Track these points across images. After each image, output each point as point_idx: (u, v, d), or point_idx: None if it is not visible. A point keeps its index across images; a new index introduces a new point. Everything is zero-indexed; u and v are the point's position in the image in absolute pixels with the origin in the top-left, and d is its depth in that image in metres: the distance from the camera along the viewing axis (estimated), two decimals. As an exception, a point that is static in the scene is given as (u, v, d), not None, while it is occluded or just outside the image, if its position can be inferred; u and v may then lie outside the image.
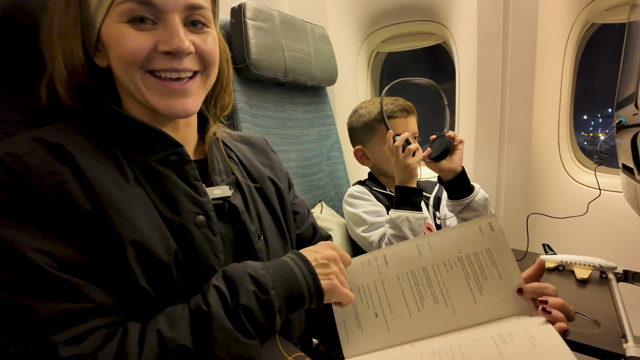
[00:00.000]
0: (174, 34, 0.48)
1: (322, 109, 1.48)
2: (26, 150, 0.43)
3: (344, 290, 0.52)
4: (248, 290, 0.45)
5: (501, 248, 0.56)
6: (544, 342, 0.45)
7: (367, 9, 1.58)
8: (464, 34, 1.41)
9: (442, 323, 0.54)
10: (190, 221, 0.51)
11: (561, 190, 1.38)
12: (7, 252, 0.39)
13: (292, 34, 1.25)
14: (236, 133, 0.74)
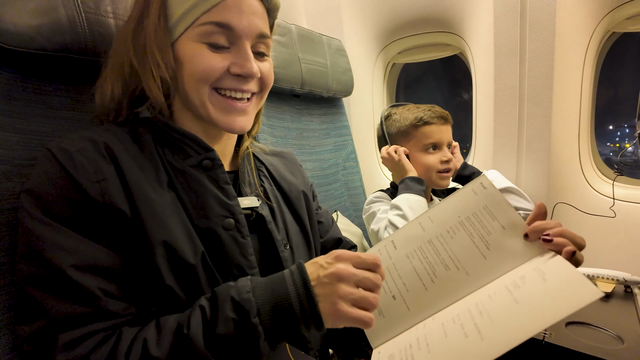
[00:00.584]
0: (246, 59, 0.53)
1: (338, 119, 1.50)
2: (77, 147, 0.47)
3: (357, 313, 0.44)
4: (227, 317, 0.42)
5: (498, 202, 0.56)
6: (553, 273, 0.44)
7: (383, 21, 1.60)
8: (481, 45, 1.41)
9: (458, 288, 0.54)
10: (219, 224, 0.53)
11: (582, 201, 1.34)
12: (36, 248, 0.43)
13: (309, 47, 1.28)
14: (268, 148, 0.78)
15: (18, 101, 0.60)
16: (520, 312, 0.43)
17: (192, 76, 0.52)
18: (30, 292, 0.43)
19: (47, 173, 0.46)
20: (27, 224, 0.44)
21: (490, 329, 0.43)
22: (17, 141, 0.58)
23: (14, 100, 0.59)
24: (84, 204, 0.45)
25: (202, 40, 0.52)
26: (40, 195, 0.45)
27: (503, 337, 0.41)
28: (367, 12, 1.61)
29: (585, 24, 1.26)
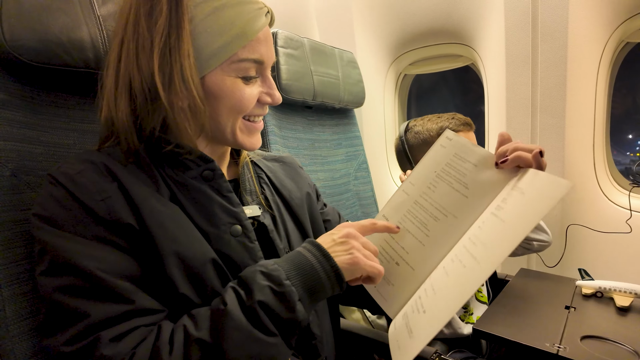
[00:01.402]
0: (273, 87, 0.58)
1: (349, 130, 1.51)
2: (77, 169, 0.48)
3: (370, 263, 0.51)
4: (261, 285, 0.45)
5: (464, 146, 0.59)
6: (528, 185, 0.47)
7: (394, 33, 1.62)
8: (492, 56, 1.41)
9: (452, 233, 0.56)
10: (227, 231, 0.55)
11: (598, 212, 1.32)
12: (62, 260, 0.44)
13: (321, 60, 1.30)
14: (267, 153, 0.78)
15: (43, 115, 0.63)
16: (507, 228, 0.45)
17: (230, 109, 0.54)
18: (64, 301, 0.43)
19: (53, 196, 0.47)
20: (45, 239, 0.45)
21: (483, 252, 0.46)
22: (41, 153, 0.61)
23: (39, 114, 0.62)
24: (94, 222, 0.46)
25: (237, 75, 0.53)
26: (51, 217, 0.46)
27: (495, 253, 0.44)
28: (379, 25, 1.63)
29: (598, 34, 1.25)
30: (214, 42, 0.50)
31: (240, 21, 0.51)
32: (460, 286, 0.46)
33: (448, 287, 0.48)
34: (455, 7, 1.44)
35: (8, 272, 0.55)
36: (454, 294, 0.46)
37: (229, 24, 0.50)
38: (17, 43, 0.56)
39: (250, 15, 0.52)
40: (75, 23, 0.62)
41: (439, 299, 0.48)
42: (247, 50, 0.52)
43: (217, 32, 0.50)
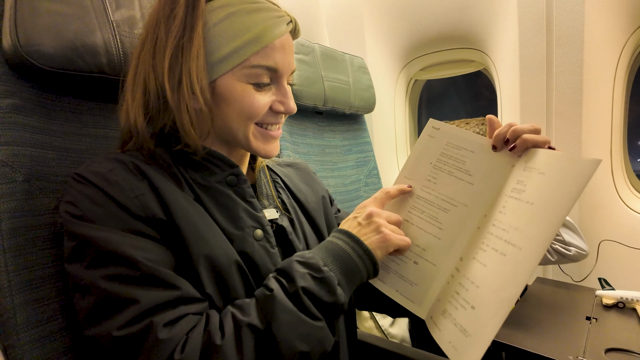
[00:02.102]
0: (287, 97, 0.56)
1: (360, 135, 1.50)
2: (108, 168, 0.48)
3: (398, 237, 0.54)
4: (302, 273, 0.47)
5: (455, 134, 0.58)
6: (545, 165, 0.46)
7: (405, 39, 1.61)
8: (506, 61, 1.39)
9: (466, 221, 0.55)
10: (250, 235, 0.55)
11: (617, 220, 1.29)
12: (107, 250, 0.44)
13: (332, 66, 1.30)
14: (280, 159, 0.79)
15: (56, 120, 0.63)
16: (540, 209, 0.44)
17: (239, 115, 0.53)
18: (112, 290, 0.43)
19: (84, 194, 0.46)
20: (85, 233, 0.45)
21: (522, 237, 0.45)
22: (54, 158, 0.61)
23: (53, 119, 0.62)
24: (129, 217, 0.46)
25: (248, 80, 0.52)
26: (85, 215, 0.45)
27: (538, 236, 0.43)
28: (390, 30, 1.63)
29: (614, 39, 1.23)
30: (226, 46, 0.50)
31: (256, 27, 0.51)
32: (508, 276, 0.44)
33: (493, 279, 0.46)
34: (468, 12, 1.42)
35: (20, 279, 0.55)
36: (503, 284, 0.45)
37: (244, 29, 0.50)
38: (32, 48, 0.56)
39: (268, 23, 0.51)
40: (90, 29, 0.62)
41: (486, 292, 0.47)
42: (261, 56, 0.52)
43: (231, 36, 0.50)
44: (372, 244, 0.52)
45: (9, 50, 0.56)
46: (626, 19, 1.21)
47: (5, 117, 0.57)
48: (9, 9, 0.56)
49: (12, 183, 0.56)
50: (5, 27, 0.57)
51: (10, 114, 0.57)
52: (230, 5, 0.51)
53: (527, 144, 0.50)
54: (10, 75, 0.59)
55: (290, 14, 0.55)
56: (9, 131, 0.57)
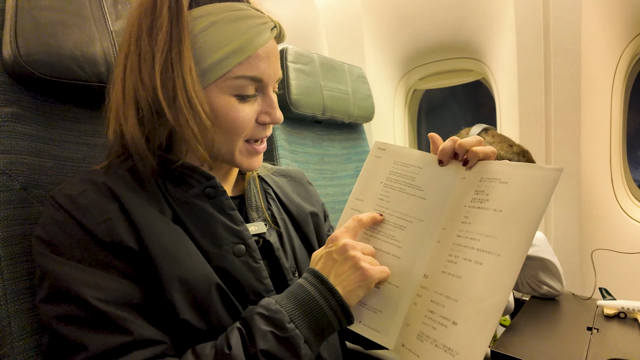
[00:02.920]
0: (273, 106, 0.54)
1: (359, 144, 1.50)
2: (78, 191, 0.47)
3: (378, 269, 0.49)
4: (264, 332, 0.43)
5: (401, 152, 0.59)
6: (502, 174, 0.48)
7: (403, 49, 1.63)
8: (504, 70, 1.40)
9: (424, 236, 0.53)
10: (229, 252, 0.52)
11: (618, 229, 1.28)
12: (60, 288, 0.43)
13: (331, 75, 1.31)
14: (275, 167, 0.76)
15: (55, 128, 0.63)
16: (512, 215, 0.45)
17: (225, 130, 0.52)
18: (62, 331, 0.42)
19: (54, 219, 0.46)
20: (45, 265, 0.44)
21: (498, 243, 0.45)
22: (51, 167, 0.61)
23: (51, 128, 0.62)
24: (95, 245, 0.45)
25: (232, 92, 0.50)
26: (52, 241, 0.45)
27: (516, 239, 0.43)
28: (389, 40, 1.64)
29: (612, 47, 1.24)
30: (208, 57, 0.48)
31: (239, 37, 0.49)
32: (491, 282, 0.44)
33: (473, 289, 0.45)
34: (465, 22, 1.44)
35: (15, 287, 0.54)
36: (487, 292, 0.44)
37: (226, 39, 0.48)
38: (31, 58, 0.57)
39: (251, 31, 0.49)
40: (89, 38, 0.62)
41: (468, 303, 0.45)
42: (245, 66, 0.50)
43: (213, 47, 0.48)
44: (352, 284, 0.47)
45: (9, 60, 0.57)
46: (623, 28, 1.22)
47: (4, 126, 0.57)
48: (10, 19, 0.57)
49: (9, 191, 0.56)
50: (5, 37, 0.57)
51: (10, 122, 0.58)
52: (211, 14, 0.49)
53: (478, 156, 0.50)
54: (10, 85, 0.59)
55: (274, 19, 0.53)
56: (7, 139, 0.57)
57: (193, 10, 0.49)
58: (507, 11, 1.32)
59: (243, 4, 0.51)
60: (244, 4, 0.51)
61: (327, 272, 0.49)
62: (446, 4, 1.45)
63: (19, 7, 0.57)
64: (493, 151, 0.51)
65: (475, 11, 1.41)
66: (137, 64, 0.48)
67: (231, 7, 0.50)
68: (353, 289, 0.47)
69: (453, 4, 1.44)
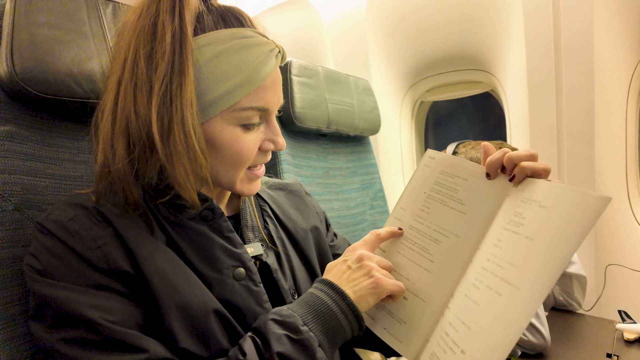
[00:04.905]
0: (276, 133, 0.53)
1: (365, 157, 1.48)
2: (69, 216, 0.45)
3: (391, 281, 0.50)
4: (278, 335, 0.43)
5: (450, 163, 0.57)
6: (545, 197, 0.43)
7: (410, 60, 1.61)
8: (514, 82, 1.37)
9: (457, 254, 0.51)
10: (230, 276, 0.50)
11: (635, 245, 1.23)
12: (66, 312, 0.41)
13: (336, 88, 1.29)
14: (272, 181, 0.74)
15: (51, 146, 0.61)
16: (541, 246, 0.41)
17: (228, 162, 0.50)
18: (74, 355, 0.40)
19: (45, 246, 0.44)
20: (43, 292, 0.42)
21: (519, 275, 0.41)
22: (47, 186, 0.59)
23: (48, 146, 0.61)
24: (91, 270, 0.43)
25: (238, 123, 0.49)
26: (46, 268, 0.43)
27: (539, 275, 0.39)
28: (394, 52, 1.62)
29: (626, 57, 1.20)
30: (215, 89, 0.46)
31: (246, 67, 0.47)
32: (502, 318, 0.40)
33: (486, 320, 0.42)
34: (473, 33, 1.42)
35: (4, 314, 0.52)
36: (497, 327, 0.41)
37: (233, 70, 0.46)
38: (27, 75, 0.55)
39: (258, 60, 0.48)
40: (87, 55, 0.61)
41: (477, 334, 0.42)
42: (252, 98, 0.48)
43: (219, 78, 0.46)
44: (363, 290, 0.48)
45: (4, 77, 0.56)
46: (637, 39, 1.19)
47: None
48: (6, 35, 0.56)
49: (1, 212, 0.54)
50: (1, 54, 0.56)
51: (4, 141, 0.56)
52: (218, 42, 0.47)
53: (526, 172, 0.47)
54: (6, 102, 0.58)
55: (276, 42, 0.52)
56: (1, 159, 0.55)
57: (198, 38, 0.46)
58: (515, 21, 1.30)
59: (249, 30, 0.49)
60: (250, 29, 0.49)
61: (338, 277, 0.50)
62: (453, 16, 1.43)
63: (15, 23, 0.56)
64: (545, 168, 0.46)
65: (483, 22, 1.39)
66: (132, 93, 0.44)
67: (237, 34, 0.48)
68: (363, 294, 0.48)
69: (460, 15, 1.42)
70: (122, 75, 0.45)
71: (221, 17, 0.49)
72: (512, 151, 0.49)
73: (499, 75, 1.45)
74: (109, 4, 0.67)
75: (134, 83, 0.44)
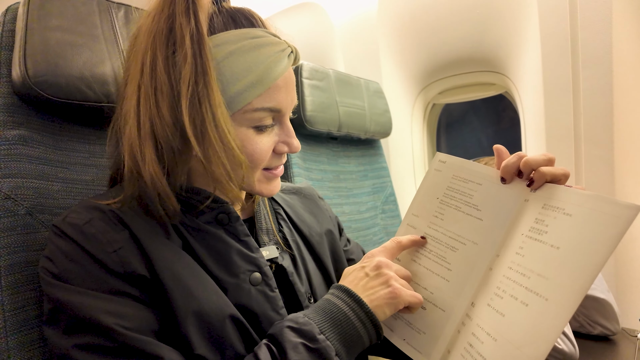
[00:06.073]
0: (291, 135, 0.52)
1: (376, 160, 1.46)
2: (85, 219, 0.44)
3: (409, 292, 0.48)
4: (294, 343, 0.42)
5: (462, 167, 0.55)
6: (569, 204, 0.42)
7: (422, 62, 1.59)
8: (529, 84, 1.34)
9: (476, 261, 0.49)
10: (246, 280, 0.50)
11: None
12: (81, 317, 0.40)
13: (347, 91, 1.28)
14: (285, 185, 0.73)
15: (63, 150, 0.61)
16: (570, 256, 0.40)
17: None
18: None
19: (61, 249, 0.43)
20: (59, 297, 0.41)
21: (548, 286, 0.40)
22: (58, 190, 0.59)
23: (60, 150, 0.61)
24: (107, 275, 0.43)
25: (250, 124, 0.48)
26: (62, 272, 0.42)
27: (569, 287, 0.38)
28: (406, 54, 1.61)
29: (646, 59, 1.17)
30: (226, 90, 0.46)
31: (257, 67, 0.46)
32: (533, 330, 0.39)
33: (515, 332, 0.41)
34: (487, 34, 1.39)
35: (16, 319, 0.52)
36: (528, 340, 0.39)
37: (244, 70, 0.46)
38: (40, 79, 0.55)
39: (270, 60, 0.47)
40: (99, 58, 0.61)
41: (506, 347, 0.41)
42: (264, 98, 0.47)
43: (231, 79, 0.46)
44: (379, 299, 0.47)
45: (17, 81, 0.56)
46: (658, 39, 1.15)
47: (11, 149, 0.56)
48: (19, 39, 0.56)
49: (13, 217, 0.54)
50: (15, 58, 0.56)
51: (17, 145, 0.56)
52: (229, 43, 0.46)
53: (546, 177, 0.45)
54: (18, 106, 0.58)
55: (290, 43, 0.51)
56: (14, 163, 0.55)
57: (210, 39, 0.46)
58: (531, 22, 1.27)
59: (260, 30, 0.48)
60: (260, 29, 0.49)
61: (355, 284, 0.49)
62: (466, 16, 1.41)
63: (28, 28, 0.56)
64: (564, 173, 0.45)
65: (497, 23, 1.37)
66: (154, 97, 0.44)
67: (248, 34, 0.47)
68: (380, 304, 0.47)
69: (474, 16, 1.40)
70: (142, 80, 0.45)
71: (231, 18, 0.48)
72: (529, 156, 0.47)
73: (514, 77, 1.42)
74: (121, 7, 0.67)
75: (154, 88, 0.44)
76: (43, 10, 0.58)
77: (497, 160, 0.51)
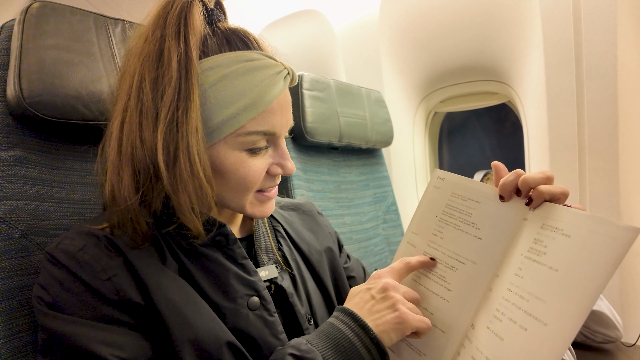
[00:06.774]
0: (284, 157, 0.51)
1: (377, 170, 1.45)
2: (79, 246, 0.44)
3: (417, 317, 0.46)
4: None
5: (460, 184, 0.55)
6: (568, 225, 0.41)
7: (423, 71, 1.58)
8: (532, 94, 1.33)
9: (475, 281, 0.48)
10: (244, 305, 0.49)
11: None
12: (76, 347, 0.39)
13: (348, 101, 1.26)
14: (284, 201, 0.72)
15: (59, 169, 0.60)
16: (568, 279, 0.39)
17: (235, 187, 0.49)
18: None
19: (54, 277, 0.42)
20: (53, 327, 0.40)
21: (546, 310, 0.39)
22: (54, 211, 0.58)
23: (55, 169, 0.60)
24: (101, 303, 0.42)
25: (243, 147, 0.47)
26: (55, 301, 0.41)
27: (568, 311, 0.37)
28: (408, 62, 1.59)
29: (652, 70, 1.15)
30: (218, 114, 0.45)
31: (251, 91, 0.45)
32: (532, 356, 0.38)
33: (511, 356, 0.40)
34: (490, 43, 1.38)
35: (11, 346, 0.51)
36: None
37: (238, 94, 0.45)
38: (35, 99, 0.55)
39: (264, 84, 0.46)
40: (96, 75, 0.60)
41: None
42: (257, 122, 0.47)
43: (223, 103, 0.45)
44: (385, 324, 0.45)
45: (12, 101, 0.55)
46: (663, 50, 1.14)
47: (6, 170, 0.55)
48: (14, 59, 0.55)
49: (8, 240, 0.53)
50: (9, 78, 0.55)
51: (12, 166, 0.55)
52: (222, 66, 0.45)
53: (544, 196, 0.44)
54: (13, 127, 0.57)
55: (285, 64, 0.50)
56: (8, 184, 0.54)
57: (202, 62, 0.45)
58: (534, 31, 1.26)
59: (255, 53, 0.47)
60: (256, 52, 0.48)
61: (360, 307, 0.48)
62: (469, 25, 1.40)
63: (23, 47, 0.55)
64: (563, 192, 0.44)
65: (500, 32, 1.35)
66: (138, 120, 0.44)
67: (242, 57, 0.46)
68: (385, 329, 0.45)
69: (476, 24, 1.38)
70: (128, 102, 0.45)
71: (226, 40, 0.48)
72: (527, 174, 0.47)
73: (516, 87, 1.41)
74: (118, 23, 0.66)
75: (139, 110, 0.44)
76: (39, 29, 0.56)
77: (495, 177, 0.51)
